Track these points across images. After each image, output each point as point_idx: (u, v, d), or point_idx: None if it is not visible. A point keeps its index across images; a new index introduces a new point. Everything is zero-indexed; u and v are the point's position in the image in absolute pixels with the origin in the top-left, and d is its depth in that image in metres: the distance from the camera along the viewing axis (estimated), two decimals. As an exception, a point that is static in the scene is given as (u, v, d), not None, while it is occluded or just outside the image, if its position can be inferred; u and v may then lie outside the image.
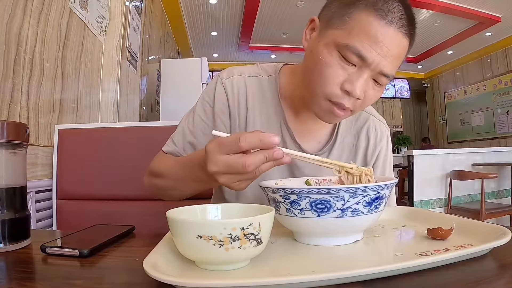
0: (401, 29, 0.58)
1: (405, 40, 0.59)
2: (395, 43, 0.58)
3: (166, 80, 3.39)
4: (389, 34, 0.57)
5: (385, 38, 0.57)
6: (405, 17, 0.58)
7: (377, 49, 0.57)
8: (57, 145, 1.34)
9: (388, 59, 0.58)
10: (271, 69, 0.79)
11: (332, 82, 0.60)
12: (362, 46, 0.57)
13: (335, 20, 0.61)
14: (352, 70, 0.60)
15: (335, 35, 0.60)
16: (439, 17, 5.22)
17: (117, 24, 2.10)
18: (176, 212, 0.42)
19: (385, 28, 0.57)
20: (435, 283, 0.34)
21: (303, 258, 0.42)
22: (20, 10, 1.21)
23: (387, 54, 0.58)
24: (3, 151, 0.49)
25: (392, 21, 0.57)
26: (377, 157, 0.80)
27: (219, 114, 0.75)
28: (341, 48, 0.58)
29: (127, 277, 0.40)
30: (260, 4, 4.82)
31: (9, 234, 0.48)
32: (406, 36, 0.59)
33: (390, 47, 0.57)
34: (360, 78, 0.59)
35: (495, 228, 0.44)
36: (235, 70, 0.79)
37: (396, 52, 0.59)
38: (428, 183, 2.97)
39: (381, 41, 0.57)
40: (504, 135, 6.12)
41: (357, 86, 0.59)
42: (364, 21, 0.57)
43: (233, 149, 0.45)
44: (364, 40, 0.57)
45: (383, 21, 0.57)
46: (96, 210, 1.27)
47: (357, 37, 0.57)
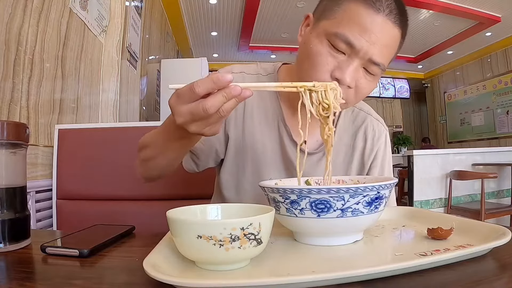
0: (390, 17, 0.59)
1: (396, 30, 0.61)
2: (384, 31, 0.59)
3: (166, 80, 3.39)
4: (378, 22, 0.59)
5: (374, 25, 0.59)
6: (394, 6, 0.60)
7: (365, 36, 0.59)
8: (57, 145, 1.34)
9: (378, 46, 0.60)
10: (270, 68, 0.80)
11: (322, 70, 0.62)
12: (351, 34, 0.59)
13: (326, 12, 0.63)
14: (342, 58, 0.61)
15: (326, 25, 0.62)
16: (439, 17, 5.22)
17: (117, 24, 2.10)
18: (176, 212, 0.42)
19: (373, 16, 0.59)
20: (435, 283, 0.34)
21: (303, 258, 0.42)
22: (20, 10, 1.21)
23: (376, 41, 0.59)
24: (3, 151, 0.49)
25: (380, 9, 0.59)
26: (375, 157, 0.80)
27: None
28: (331, 36, 0.60)
29: (127, 277, 0.40)
30: (260, 4, 4.82)
31: (9, 234, 0.48)
32: (396, 26, 0.60)
33: (379, 35, 0.59)
34: (350, 65, 0.61)
35: (495, 228, 0.44)
36: (234, 68, 0.80)
37: (386, 41, 0.60)
38: (428, 183, 2.97)
39: (369, 29, 0.59)
40: (504, 135, 6.12)
41: (347, 73, 0.60)
42: (353, 10, 0.60)
43: (191, 96, 0.45)
44: (353, 28, 0.59)
45: (371, 9, 0.59)
46: (96, 210, 1.28)
47: (347, 26, 0.59)
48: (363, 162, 0.79)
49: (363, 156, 0.80)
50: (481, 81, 6.67)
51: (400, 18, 0.61)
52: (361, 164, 0.80)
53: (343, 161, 0.79)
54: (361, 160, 0.80)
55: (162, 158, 0.67)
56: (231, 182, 0.78)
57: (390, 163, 0.84)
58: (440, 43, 6.35)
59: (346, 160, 0.79)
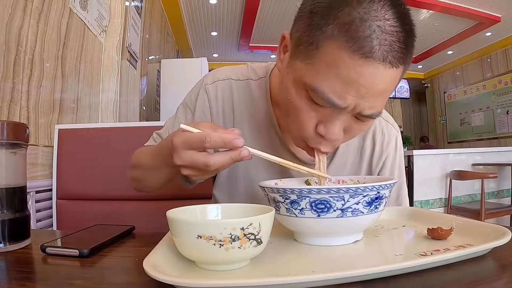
0: (386, 60, 0.44)
1: (393, 71, 0.45)
2: (377, 80, 0.45)
3: (166, 80, 3.39)
4: (367, 71, 0.44)
5: (361, 77, 0.44)
6: (392, 40, 0.44)
7: (351, 92, 0.46)
8: (57, 145, 1.34)
9: (369, 99, 0.47)
10: (262, 71, 0.72)
11: (305, 127, 0.53)
12: (331, 91, 0.46)
13: (302, 48, 0.49)
14: (326, 111, 0.50)
15: (302, 71, 0.49)
16: (439, 17, 5.21)
17: (117, 24, 2.10)
18: (176, 212, 0.42)
19: (361, 65, 0.44)
20: (435, 283, 0.34)
21: (303, 258, 0.42)
22: (20, 10, 1.21)
23: (366, 94, 0.46)
24: (3, 151, 0.49)
25: (372, 53, 0.43)
26: (384, 164, 0.74)
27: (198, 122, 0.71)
28: (309, 90, 0.49)
29: (127, 277, 0.40)
30: (260, 4, 4.82)
31: (9, 234, 0.48)
32: (394, 65, 0.45)
33: (370, 86, 0.45)
34: (335, 120, 0.50)
35: (495, 228, 0.44)
36: (220, 73, 0.73)
37: (380, 88, 0.46)
38: (428, 183, 2.97)
39: (355, 82, 0.45)
40: (504, 135, 6.12)
41: (331, 130, 0.51)
42: (333, 57, 0.45)
43: (198, 147, 0.45)
44: (334, 82, 0.46)
45: (357, 55, 0.43)
46: (96, 210, 1.28)
47: (325, 79, 0.46)
48: (371, 170, 0.74)
49: (371, 163, 0.73)
50: (481, 81, 6.67)
51: (403, 52, 0.45)
52: (369, 172, 0.74)
53: (351, 168, 0.74)
54: (368, 168, 0.74)
55: (153, 180, 0.66)
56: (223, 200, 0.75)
57: (402, 169, 0.77)
58: (440, 43, 6.35)
59: (354, 166, 0.74)
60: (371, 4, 0.44)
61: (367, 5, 0.44)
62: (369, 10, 0.43)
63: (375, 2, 0.44)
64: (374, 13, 0.43)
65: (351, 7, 0.44)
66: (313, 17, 0.47)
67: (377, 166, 0.74)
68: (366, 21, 0.43)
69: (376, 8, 0.44)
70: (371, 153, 0.74)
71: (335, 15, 0.44)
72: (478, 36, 5.84)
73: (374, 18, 0.43)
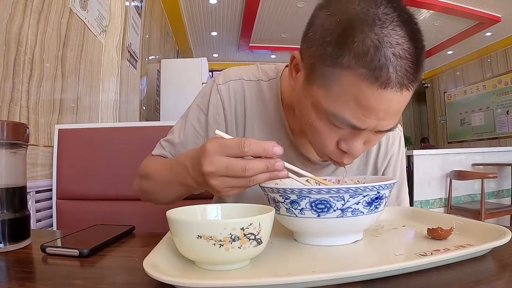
0: (402, 86, 0.46)
1: (408, 92, 0.48)
2: (394, 103, 0.47)
3: (166, 80, 3.39)
4: (386, 98, 0.46)
5: (380, 103, 0.47)
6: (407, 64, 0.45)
7: (371, 116, 0.48)
8: (57, 145, 1.34)
9: (387, 119, 0.49)
10: (272, 72, 0.73)
11: (327, 145, 0.55)
12: (352, 117, 0.49)
13: (318, 75, 0.50)
14: (346, 131, 0.52)
15: (320, 97, 0.51)
16: (439, 17, 5.21)
17: (117, 24, 2.10)
18: (176, 212, 0.42)
19: (379, 93, 0.45)
20: (435, 283, 0.34)
21: (303, 258, 0.42)
22: (20, 10, 1.20)
23: (385, 117, 0.49)
24: (3, 151, 0.49)
25: (388, 83, 0.45)
26: (388, 163, 0.76)
27: (213, 124, 0.70)
28: (329, 115, 0.50)
29: (127, 277, 0.40)
30: (260, 4, 4.82)
31: (9, 234, 0.48)
32: (410, 88, 0.47)
33: (388, 109, 0.48)
34: (357, 138, 0.53)
35: (495, 228, 0.44)
36: (232, 73, 0.73)
37: (398, 109, 0.49)
38: (428, 183, 2.97)
39: (375, 108, 0.47)
40: (504, 135, 6.12)
41: (354, 147, 0.53)
42: (352, 87, 0.46)
43: (235, 152, 0.44)
44: (354, 109, 0.48)
45: (375, 85, 0.45)
46: (96, 210, 1.28)
47: (346, 106, 0.48)
48: (376, 170, 0.76)
49: (376, 163, 0.75)
50: (481, 81, 6.67)
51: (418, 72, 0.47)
52: (374, 172, 0.76)
53: (357, 169, 0.75)
54: (374, 168, 0.76)
55: (162, 195, 0.66)
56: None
57: (403, 168, 0.79)
58: (440, 43, 6.35)
59: (360, 167, 0.75)
60: (382, 29, 0.44)
61: (379, 30, 0.44)
62: (382, 37, 0.44)
63: (386, 27, 0.44)
64: (387, 39, 0.44)
65: (364, 34, 0.44)
66: (327, 46, 0.48)
67: (382, 165, 0.76)
68: (381, 49, 0.44)
69: (388, 33, 0.44)
70: (377, 153, 0.76)
71: (350, 46, 0.45)
72: (478, 36, 5.84)
73: (387, 44, 0.44)
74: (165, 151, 0.72)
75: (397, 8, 0.46)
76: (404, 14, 0.46)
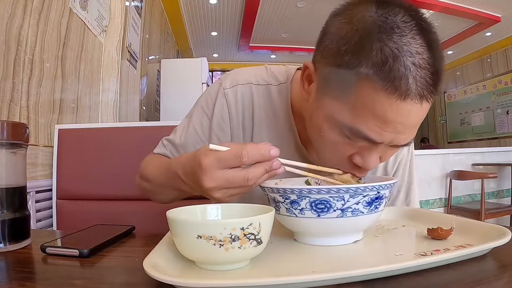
0: (422, 97, 0.44)
1: (427, 104, 0.45)
2: (413, 115, 0.45)
3: (166, 80, 3.39)
4: (404, 109, 0.44)
5: (398, 115, 0.44)
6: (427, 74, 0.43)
7: (388, 129, 0.46)
8: (57, 145, 1.34)
9: (405, 132, 0.47)
10: (282, 76, 0.69)
11: (341, 159, 0.52)
12: (368, 129, 0.46)
13: (333, 86, 0.49)
14: (362, 144, 0.49)
15: (335, 108, 0.48)
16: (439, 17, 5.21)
17: (117, 24, 2.10)
18: (176, 212, 0.42)
19: (397, 104, 0.43)
20: (435, 283, 0.34)
21: (303, 258, 0.42)
22: (20, 10, 1.20)
23: (403, 130, 0.46)
24: (3, 151, 0.49)
25: (408, 92, 0.42)
26: (398, 167, 0.74)
27: (216, 129, 0.68)
28: (344, 127, 0.48)
29: (127, 277, 0.40)
30: (260, 4, 4.82)
31: (9, 234, 0.48)
32: (429, 99, 0.45)
33: (406, 122, 0.45)
34: (372, 152, 0.50)
35: (495, 228, 0.44)
36: (240, 77, 0.70)
37: (416, 122, 0.47)
38: (428, 183, 2.97)
39: (392, 120, 0.44)
40: (504, 135, 6.12)
41: (369, 161, 0.50)
42: (369, 97, 0.44)
43: (234, 164, 0.43)
44: (370, 121, 0.45)
45: (394, 95, 0.43)
46: (96, 210, 1.28)
47: (362, 118, 0.46)
48: (386, 173, 0.74)
49: (386, 168, 0.74)
50: (481, 81, 6.67)
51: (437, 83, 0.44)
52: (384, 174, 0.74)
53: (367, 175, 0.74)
54: (384, 171, 0.74)
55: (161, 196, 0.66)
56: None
57: (412, 168, 0.77)
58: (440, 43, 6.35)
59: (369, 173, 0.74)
60: (401, 38, 0.42)
61: (397, 39, 0.42)
62: (401, 45, 0.42)
63: (405, 35, 0.43)
64: (406, 48, 0.42)
65: (382, 43, 0.43)
66: (344, 56, 0.46)
67: (392, 168, 0.74)
68: (400, 58, 0.42)
69: (408, 41, 0.42)
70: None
71: (368, 55, 0.43)
72: (478, 36, 5.84)
73: (406, 53, 0.42)
74: (166, 150, 0.72)
75: (415, 16, 0.44)
76: (423, 22, 0.44)
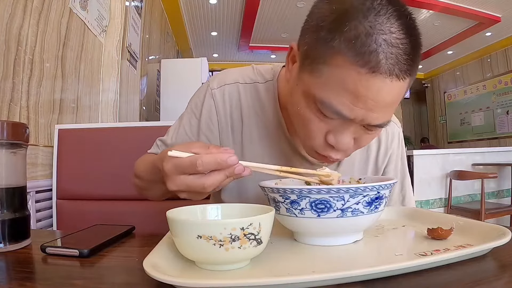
0: (392, 74, 0.44)
1: (400, 83, 0.46)
2: (384, 93, 0.46)
3: (166, 80, 3.39)
4: (375, 85, 0.45)
5: (369, 90, 0.45)
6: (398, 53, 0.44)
7: (359, 105, 0.47)
8: (57, 145, 1.34)
9: (377, 110, 0.48)
10: (269, 74, 0.71)
11: (315, 137, 0.53)
12: (340, 103, 0.47)
13: (310, 61, 0.50)
14: (335, 122, 0.51)
15: (311, 83, 0.50)
16: (439, 17, 5.21)
17: (117, 24, 2.10)
18: (176, 212, 0.42)
19: (368, 79, 0.44)
20: (435, 283, 0.34)
21: (303, 258, 0.42)
22: (20, 10, 1.20)
23: (374, 107, 0.47)
24: (3, 151, 0.49)
25: (378, 68, 0.44)
26: (389, 161, 0.75)
27: (204, 129, 0.69)
28: (317, 102, 0.49)
29: (127, 277, 0.40)
30: (260, 4, 4.82)
31: (9, 234, 0.48)
32: (401, 78, 0.45)
33: (377, 98, 0.46)
34: (345, 130, 0.51)
35: (495, 228, 0.44)
36: (227, 77, 0.71)
37: (387, 101, 0.47)
38: (428, 183, 2.97)
39: (363, 95, 0.46)
40: (504, 135, 6.12)
41: (341, 140, 0.51)
42: (341, 72, 0.45)
43: (191, 171, 0.44)
44: (342, 95, 0.46)
45: (365, 69, 0.44)
46: (96, 210, 1.28)
47: (334, 92, 0.47)
48: (377, 168, 0.75)
49: (377, 162, 0.75)
50: (481, 81, 6.67)
51: (410, 64, 0.45)
52: (375, 170, 0.75)
53: (358, 166, 0.74)
54: (374, 167, 0.75)
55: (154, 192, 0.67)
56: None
57: (405, 164, 0.79)
58: (440, 43, 6.35)
59: (361, 165, 0.75)
60: (377, 17, 0.44)
61: (372, 18, 0.44)
62: (375, 24, 0.43)
63: (381, 15, 0.44)
64: (379, 26, 0.43)
65: (357, 21, 0.44)
66: (320, 31, 0.47)
67: (383, 163, 0.75)
68: (372, 35, 0.43)
69: (382, 21, 0.44)
70: (377, 151, 0.75)
71: (342, 30, 0.44)
72: (478, 36, 5.84)
73: (380, 31, 0.43)
74: (159, 150, 0.73)
75: (394, 2, 0.45)
76: (401, 8, 0.46)
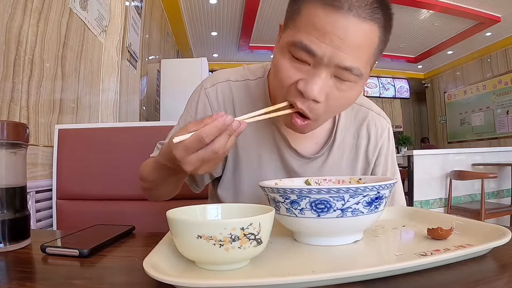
0: (356, 12, 0.50)
1: (366, 25, 0.51)
2: (350, 31, 0.50)
3: (166, 80, 3.39)
4: (339, 22, 0.50)
5: (335, 27, 0.50)
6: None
7: (326, 41, 0.51)
8: (57, 145, 1.34)
9: (345, 49, 0.51)
10: (259, 71, 0.75)
11: (286, 82, 0.56)
12: (308, 40, 0.52)
13: (288, 21, 0.56)
14: (306, 68, 0.54)
15: (287, 35, 0.55)
16: (439, 17, 5.21)
17: (117, 24, 2.10)
18: (176, 212, 0.42)
19: (333, 16, 0.50)
20: (435, 283, 0.34)
21: (303, 258, 0.42)
22: (20, 10, 1.20)
23: (341, 44, 0.51)
24: (3, 151, 0.49)
25: (341, 6, 0.50)
26: (379, 153, 0.77)
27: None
28: (290, 46, 0.54)
29: (127, 277, 0.40)
30: (260, 4, 4.82)
31: (9, 234, 0.48)
32: (366, 20, 0.51)
33: (343, 36, 0.50)
34: (315, 76, 0.53)
35: (495, 228, 0.44)
36: (219, 76, 0.75)
37: (355, 41, 0.51)
38: (428, 183, 2.97)
39: (329, 31, 0.50)
40: (504, 135, 6.12)
41: (311, 85, 0.53)
42: (310, 14, 0.52)
43: (200, 146, 0.47)
44: (311, 32, 0.51)
45: (329, 8, 0.50)
46: (96, 210, 1.28)
47: (304, 32, 0.52)
48: (368, 161, 0.77)
49: (367, 155, 0.77)
50: (481, 81, 6.67)
51: (373, 10, 0.51)
52: (366, 163, 0.77)
53: (347, 162, 0.76)
54: (365, 159, 0.77)
55: (160, 191, 0.70)
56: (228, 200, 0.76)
57: (394, 159, 0.81)
58: (440, 43, 6.35)
59: (350, 161, 0.76)
60: None
61: None
62: None
63: None
64: None
65: None
66: None
67: (373, 156, 0.77)
68: None
69: None
70: (367, 144, 0.77)
71: None
72: (478, 36, 5.84)
73: None
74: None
75: None
76: None
